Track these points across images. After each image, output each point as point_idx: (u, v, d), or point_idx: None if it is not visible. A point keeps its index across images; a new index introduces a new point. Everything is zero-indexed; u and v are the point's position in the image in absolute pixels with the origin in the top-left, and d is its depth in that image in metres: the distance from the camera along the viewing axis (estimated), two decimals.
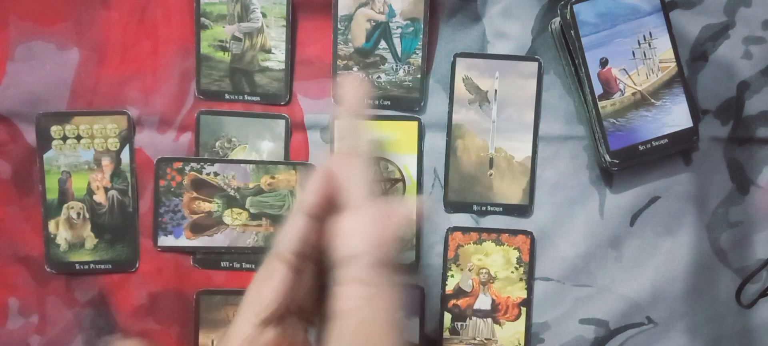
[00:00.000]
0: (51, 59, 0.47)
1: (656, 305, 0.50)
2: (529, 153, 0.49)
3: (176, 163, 0.47)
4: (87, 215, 0.47)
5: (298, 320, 0.35)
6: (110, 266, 0.48)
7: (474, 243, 0.49)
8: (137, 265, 0.48)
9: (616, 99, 0.46)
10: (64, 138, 0.47)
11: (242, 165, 0.47)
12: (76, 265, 0.48)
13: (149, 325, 0.49)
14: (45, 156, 0.47)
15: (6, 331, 0.48)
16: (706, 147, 0.49)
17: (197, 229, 0.48)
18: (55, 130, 0.47)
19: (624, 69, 0.46)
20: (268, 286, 0.33)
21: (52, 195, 0.47)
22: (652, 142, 0.46)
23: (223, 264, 0.48)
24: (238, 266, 0.48)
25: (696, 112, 0.47)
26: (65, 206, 0.47)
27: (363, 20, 0.48)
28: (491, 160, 0.49)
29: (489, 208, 0.49)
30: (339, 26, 0.48)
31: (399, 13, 0.48)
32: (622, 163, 0.46)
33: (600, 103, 0.46)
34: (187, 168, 0.47)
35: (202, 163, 0.47)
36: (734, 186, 0.50)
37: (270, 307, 0.32)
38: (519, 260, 0.49)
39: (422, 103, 0.49)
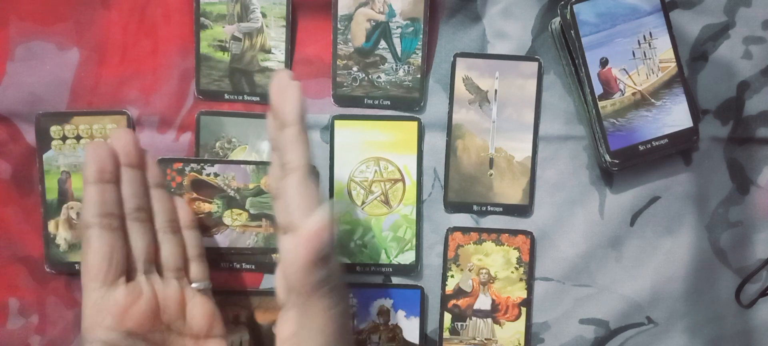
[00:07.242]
0: (51, 59, 0.47)
1: (656, 305, 0.50)
2: (529, 153, 0.49)
3: (176, 164, 0.47)
4: None
5: (153, 276, 0.39)
6: None
7: (474, 243, 0.49)
8: None
9: (616, 99, 0.46)
10: (64, 138, 0.47)
11: (242, 166, 0.47)
12: (76, 265, 0.48)
13: None
14: (44, 156, 0.47)
15: (6, 331, 0.48)
16: (706, 147, 0.49)
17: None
18: (54, 130, 0.47)
19: (624, 69, 0.46)
20: (90, 252, 0.36)
21: (52, 195, 0.47)
22: (652, 142, 0.46)
23: (222, 264, 0.48)
24: (238, 266, 0.48)
25: (696, 112, 0.47)
26: (65, 206, 0.47)
27: (363, 20, 0.48)
28: (491, 160, 0.49)
29: (489, 208, 0.49)
30: (339, 26, 0.48)
31: (399, 13, 0.48)
32: (622, 163, 0.46)
33: (600, 103, 0.46)
34: (188, 169, 0.47)
35: (202, 164, 0.47)
36: (734, 186, 0.50)
37: (101, 268, 0.36)
38: (519, 260, 0.49)
39: (422, 103, 0.49)
